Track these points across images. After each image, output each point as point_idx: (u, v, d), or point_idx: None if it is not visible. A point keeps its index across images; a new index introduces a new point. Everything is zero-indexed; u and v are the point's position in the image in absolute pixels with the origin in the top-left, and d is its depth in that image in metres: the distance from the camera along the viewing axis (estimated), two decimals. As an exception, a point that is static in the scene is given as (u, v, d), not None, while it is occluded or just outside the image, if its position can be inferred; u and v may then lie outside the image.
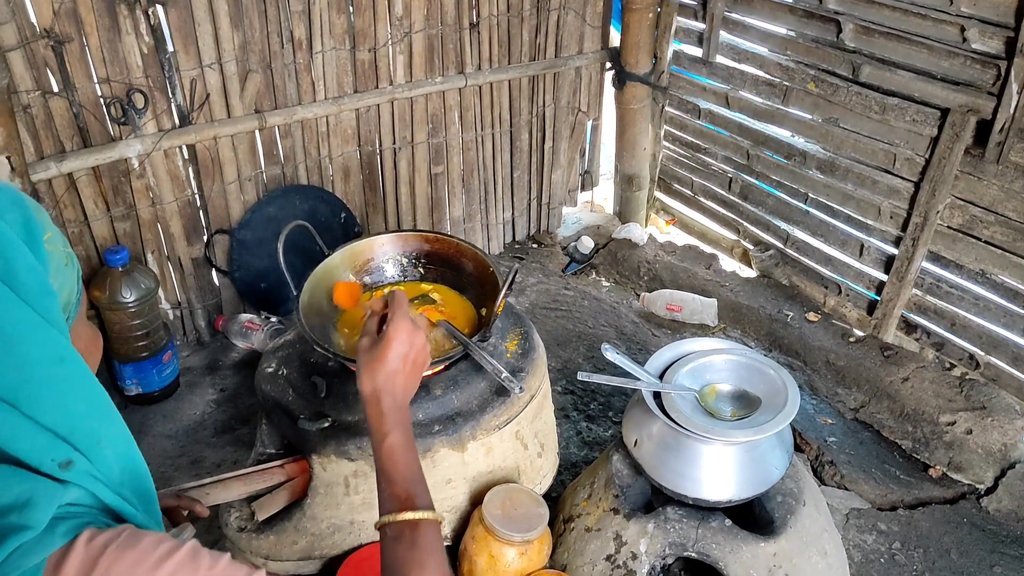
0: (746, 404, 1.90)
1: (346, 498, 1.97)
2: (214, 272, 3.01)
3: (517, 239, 3.85)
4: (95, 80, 2.48)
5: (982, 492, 2.58)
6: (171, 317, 2.98)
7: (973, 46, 2.50)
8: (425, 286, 2.23)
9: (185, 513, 1.55)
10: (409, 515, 1.16)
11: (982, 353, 2.78)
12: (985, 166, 2.58)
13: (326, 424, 1.91)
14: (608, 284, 3.71)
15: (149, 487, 0.97)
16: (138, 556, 0.82)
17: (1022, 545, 2.39)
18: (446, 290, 2.22)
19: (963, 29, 2.50)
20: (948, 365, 2.90)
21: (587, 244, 3.80)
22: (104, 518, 0.88)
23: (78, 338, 1.00)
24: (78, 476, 0.85)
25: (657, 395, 1.91)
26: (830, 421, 2.86)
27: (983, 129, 2.55)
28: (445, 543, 2.08)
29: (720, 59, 3.36)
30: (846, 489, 2.58)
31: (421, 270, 2.25)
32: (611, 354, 1.90)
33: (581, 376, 1.90)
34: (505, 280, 1.93)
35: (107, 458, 0.90)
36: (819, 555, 1.91)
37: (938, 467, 2.67)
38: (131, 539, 0.83)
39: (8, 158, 2.22)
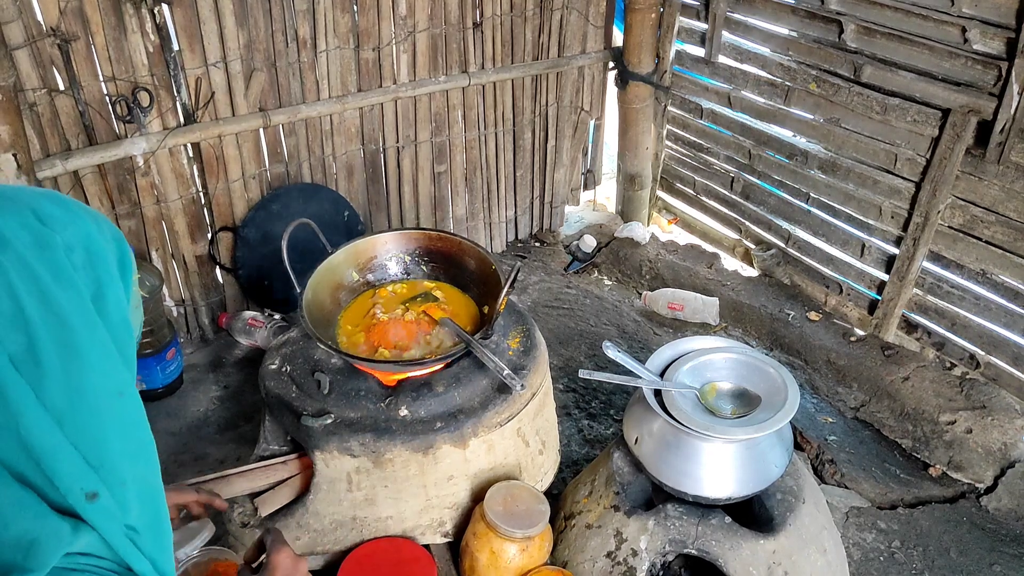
0: (746, 402, 1.91)
1: (348, 494, 1.98)
2: (218, 269, 3.03)
3: (520, 238, 3.86)
4: (101, 78, 2.50)
5: (982, 491, 2.59)
6: (175, 314, 2.99)
7: (974, 47, 2.51)
8: (428, 284, 2.24)
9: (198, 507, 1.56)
10: None
11: (982, 353, 2.79)
12: (986, 166, 2.59)
13: (329, 420, 1.93)
14: (610, 283, 3.73)
15: (166, 536, 0.94)
16: None
17: (1021, 544, 2.40)
18: (449, 288, 2.24)
19: (964, 30, 2.50)
20: (948, 365, 2.91)
21: (589, 243, 3.81)
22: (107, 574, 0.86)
23: None
24: (98, 512, 0.83)
25: (658, 393, 1.92)
26: (831, 420, 2.87)
27: (984, 129, 2.56)
28: (447, 539, 2.10)
29: (722, 59, 3.37)
30: (846, 488, 2.59)
31: (424, 268, 2.27)
32: (612, 352, 1.92)
33: (582, 374, 1.91)
34: (507, 278, 1.94)
35: (129, 500, 0.87)
36: (818, 552, 1.93)
37: (938, 466, 2.68)
38: None
39: (15, 155, 2.23)
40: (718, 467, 1.86)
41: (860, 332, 3.14)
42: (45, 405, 0.80)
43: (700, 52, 3.45)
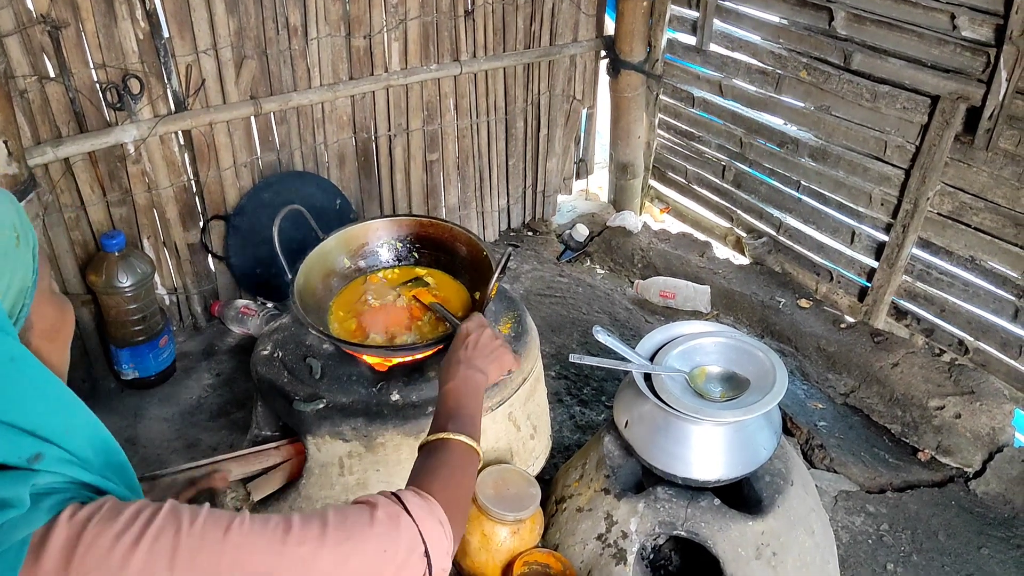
0: (735, 385, 1.92)
1: (340, 478, 1.99)
2: (210, 258, 3.03)
3: (512, 227, 3.87)
4: (91, 66, 2.49)
5: (970, 475, 2.61)
6: (167, 303, 3.00)
7: (963, 33, 2.52)
8: (419, 270, 2.25)
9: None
10: (438, 435, 1.32)
11: (971, 339, 2.81)
12: (975, 153, 2.60)
13: (321, 405, 1.94)
14: (602, 271, 3.74)
15: (124, 463, 0.97)
16: (121, 527, 0.82)
17: (1009, 527, 2.43)
18: (440, 274, 2.24)
19: (953, 17, 2.52)
20: (937, 351, 2.93)
21: (582, 232, 3.82)
22: (87, 492, 0.88)
23: (41, 317, 0.98)
24: (50, 465, 0.84)
25: (648, 377, 1.93)
26: (821, 406, 2.89)
27: (973, 116, 2.57)
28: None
29: (714, 47, 3.38)
30: (835, 472, 2.61)
31: (416, 255, 2.27)
32: (602, 336, 1.93)
33: (573, 358, 1.92)
34: (498, 264, 1.95)
35: (82, 446, 0.89)
36: (807, 534, 1.94)
37: (927, 451, 2.70)
38: (112, 511, 0.84)
39: (5, 142, 2.23)
40: (707, 450, 1.88)
41: (850, 319, 3.16)
42: None
43: (691, 40, 3.45)
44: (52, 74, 2.43)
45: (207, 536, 0.86)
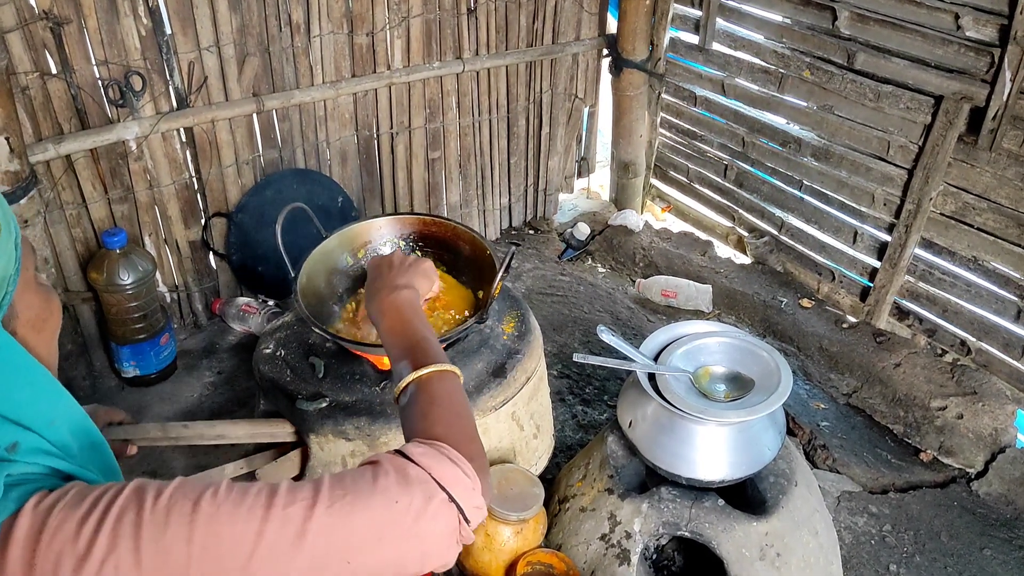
0: (740, 386, 1.92)
1: (343, 477, 1.98)
2: (211, 255, 3.02)
3: (514, 225, 3.86)
4: (93, 62, 2.49)
5: (972, 476, 2.61)
6: (168, 300, 2.99)
7: (967, 33, 2.52)
8: None
9: None
10: (408, 378, 1.18)
11: (973, 339, 2.81)
12: (978, 153, 2.60)
13: (324, 404, 1.93)
14: (604, 270, 3.73)
15: (101, 442, 0.96)
16: (85, 511, 0.80)
17: (1011, 528, 2.42)
18: (443, 275, 2.23)
19: (957, 16, 2.51)
20: (940, 351, 2.93)
21: (583, 231, 3.81)
22: (56, 482, 0.86)
23: (26, 306, 0.96)
24: (26, 455, 0.83)
25: (652, 377, 1.93)
26: (823, 406, 2.88)
27: (976, 116, 2.57)
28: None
29: (716, 46, 3.38)
30: (838, 472, 2.61)
31: (418, 253, 2.26)
32: (607, 336, 1.92)
33: (577, 358, 1.91)
34: (502, 262, 1.94)
35: (63, 436, 0.88)
36: (810, 535, 1.94)
37: (929, 451, 2.70)
38: (78, 496, 0.82)
39: (7, 139, 2.22)
40: (711, 450, 1.87)
41: (852, 319, 3.16)
42: None
43: (694, 39, 3.45)
44: (54, 70, 2.43)
45: (174, 511, 0.82)
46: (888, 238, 2.96)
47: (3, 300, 0.91)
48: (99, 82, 2.52)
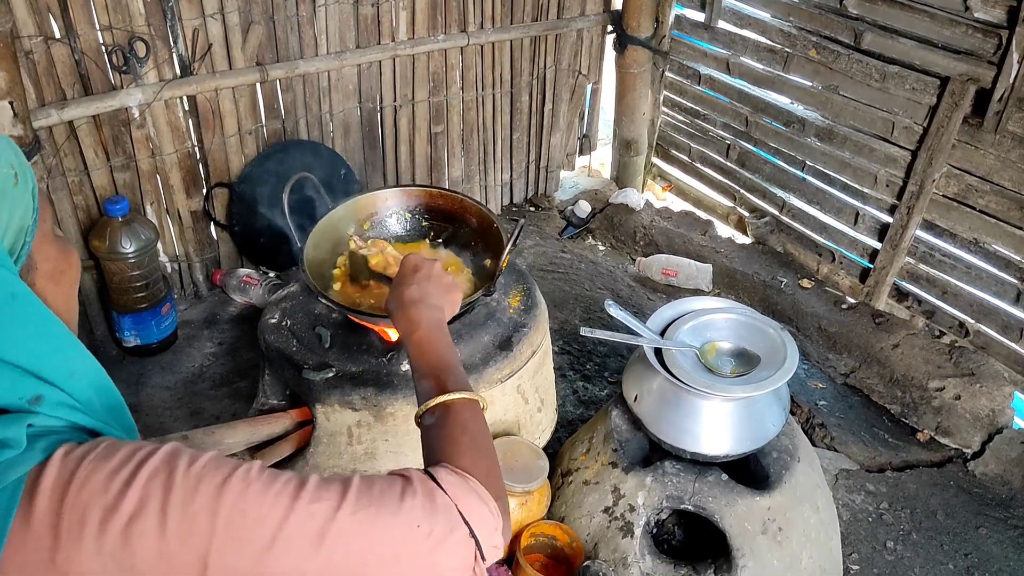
0: (746, 362, 1.93)
1: (349, 448, 1.99)
2: (213, 226, 3.01)
3: (515, 201, 3.85)
4: (97, 27, 2.46)
5: (969, 456, 2.64)
6: (169, 270, 2.98)
7: (975, 15, 2.51)
8: (425, 246, 2.22)
9: None
10: (437, 400, 1.17)
11: (972, 321, 2.82)
12: (983, 135, 2.60)
13: (330, 374, 1.93)
14: (604, 248, 3.73)
15: (121, 404, 0.96)
16: (116, 464, 0.81)
17: (1007, 508, 2.45)
18: (446, 252, 2.20)
19: (966, -3, 2.51)
20: (938, 333, 2.95)
21: (584, 208, 3.81)
22: (84, 436, 0.87)
23: (44, 258, 0.97)
24: (50, 408, 0.84)
25: (658, 352, 1.93)
26: (821, 386, 2.90)
27: (982, 98, 2.57)
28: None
29: (722, 24, 3.36)
30: (835, 451, 2.63)
31: (424, 225, 2.26)
32: (614, 310, 1.93)
33: (584, 331, 1.92)
34: (511, 235, 1.94)
35: (83, 389, 0.89)
36: (812, 510, 1.96)
37: (926, 431, 2.72)
38: (109, 450, 0.83)
39: (11, 103, 2.20)
40: (716, 425, 1.89)
41: (851, 300, 3.17)
42: None
43: (700, 17, 3.43)
44: (58, 35, 2.40)
45: (204, 480, 0.83)
46: (890, 219, 2.97)
47: (21, 251, 0.91)
48: (103, 48, 2.49)
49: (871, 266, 3.10)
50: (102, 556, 0.78)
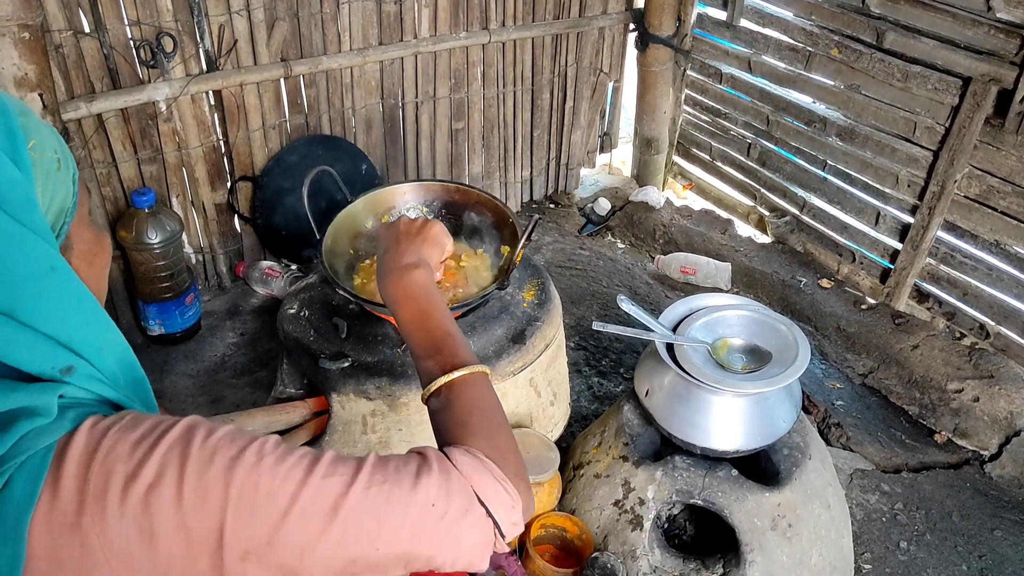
0: (757, 358, 1.94)
1: (363, 436, 2.02)
2: (236, 218, 3.06)
3: (534, 198, 3.87)
4: (126, 22, 2.51)
5: (986, 458, 2.62)
6: (194, 262, 3.03)
7: (998, 15, 2.50)
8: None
9: None
10: (438, 382, 1.16)
11: (993, 323, 2.81)
12: (1004, 136, 2.58)
13: (346, 364, 1.96)
14: (623, 246, 3.74)
15: (143, 378, 1.00)
16: (139, 436, 0.85)
17: (1023, 511, 2.44)
18: (461, 245, 2.23)
19: (989, -3, 2.50)
20: (958, 334, 2.93)
21: (604, 206, 3.82)
22: (107, 409, 0.91)
23: (80, 240, 1.01)
24: (80, 380, 0.88)
25: (670, 347, 1.95)
26: (838, 385, 2.90)
27: (1004, 99, 2.55)
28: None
29: (744, 23, 3.36)
30: (851, 451, 2.63)
31: (441, 220, 2.28)
32: (626, 305, 1.94)
33: (596, 326, 1.93)
34: (525, 230, 1.96)
35: (110, 365, 0.92)
36: (823, 507, 1.96)
37: (943, 433, 2.71)
38: (133, 422, 0.86)
39: (40, 95, 2.25)
40: (727, 421, 1.89)
41: (871, 300, 3.16)
42: None
43: (722, 15, 3.43)
44: (87, 29, 2.45)
45: (219, 452, 0.86)
46: (911, 220, 2.95)
47: (61, 230, 0.96)
48: (131, 42, 2.54)
49: (892, 267, 3.08)
50: (124, 521, 0.81)
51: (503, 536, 1.01)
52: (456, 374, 1.15)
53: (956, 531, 2.36)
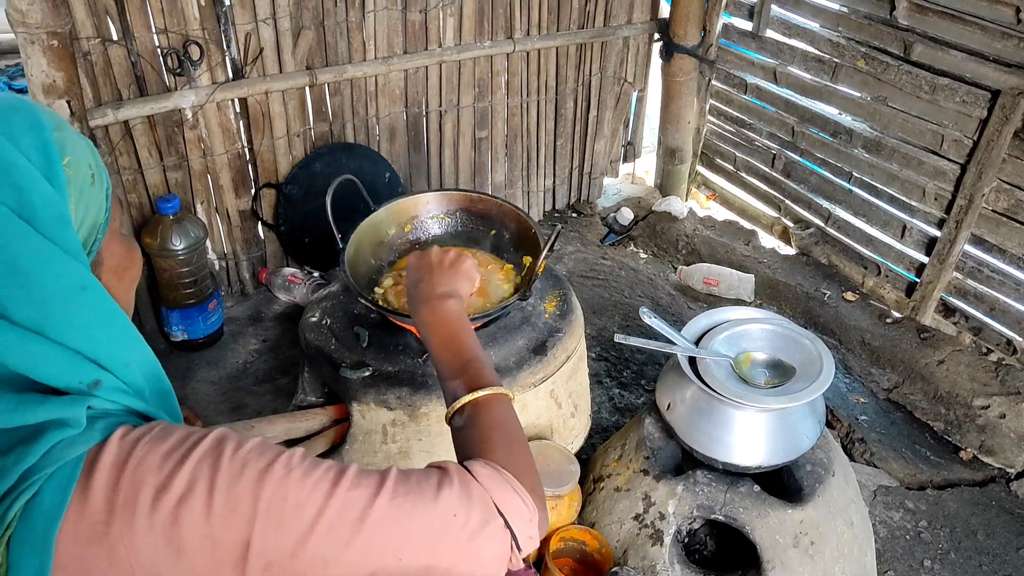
0: (780, 373, 1.92)
1: (383, 446, 2.03)
2: (260, 225, 3.07)
3: (557, 207, 3.87)
4: (153, 30, 2.53)
5: (1012, 476, 2.58)
6: (217, 268, 3.05)
7: (1029, 27, 2.47)
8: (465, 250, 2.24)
9: None
10: (463, 400, 1.20)
11: (1020, 339, 2.76)
12: (1034, 150, 2.55)
13: (367, 373, 1.97)
14: (646, 256, 3.73)
15: (169, 390, 1.02)
16: (169, 447, 0.86)
17: (1050, 530, 2.40)
18: (483, 254, 2.23)
19: (1018, 10, 2.46)
20: (985, 350, 2.89)
21: (627, 215, 3.81)
22: (136, 420, 0.92)
23: (111, 255, 1.02)
24: (107, 393, 0.89)
25: (692, 361, 1.93)
26: (862, 400, 2.86)
27: (1035, 112, 2.52)
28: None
29: (770, 33, 3.34)
30: (875, 467, 2.59)
31: (464, 229, 2.28)
32: (648, 318, 1.93)
33: (618, 338, 1.93)
34: (547, 240, 1.96)
35: (137, 377, 0.94)
36: (845, 525, 1.94)
37: (969, 449, 2.67)
38: (163, 433, 0.87)
39: (68, 102, 2.28)
40: (749, 436, 1.88)
41: (896, 314, 3.12)
42: (17, 323, 0.84)
43: (748, 26, 3.41)
44: (115, 37, 2.48)
45: (249, 465, 0.87)
46: (937, 233, 2.92)
47: (93, 246, 0.97)
48: (158, 50, 2.57)
49: (917, 280, 3.05)
50: (153, 532, 0.82)
51: (519, 549, 1.02)
52: (480, 393, 1.20)
53: (981, 550, 2.33)
